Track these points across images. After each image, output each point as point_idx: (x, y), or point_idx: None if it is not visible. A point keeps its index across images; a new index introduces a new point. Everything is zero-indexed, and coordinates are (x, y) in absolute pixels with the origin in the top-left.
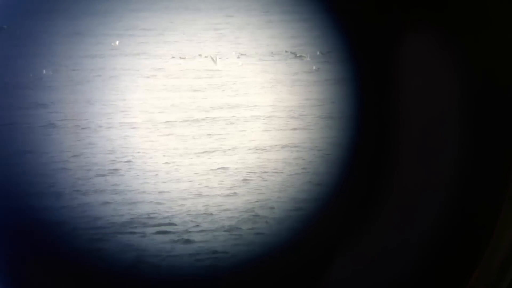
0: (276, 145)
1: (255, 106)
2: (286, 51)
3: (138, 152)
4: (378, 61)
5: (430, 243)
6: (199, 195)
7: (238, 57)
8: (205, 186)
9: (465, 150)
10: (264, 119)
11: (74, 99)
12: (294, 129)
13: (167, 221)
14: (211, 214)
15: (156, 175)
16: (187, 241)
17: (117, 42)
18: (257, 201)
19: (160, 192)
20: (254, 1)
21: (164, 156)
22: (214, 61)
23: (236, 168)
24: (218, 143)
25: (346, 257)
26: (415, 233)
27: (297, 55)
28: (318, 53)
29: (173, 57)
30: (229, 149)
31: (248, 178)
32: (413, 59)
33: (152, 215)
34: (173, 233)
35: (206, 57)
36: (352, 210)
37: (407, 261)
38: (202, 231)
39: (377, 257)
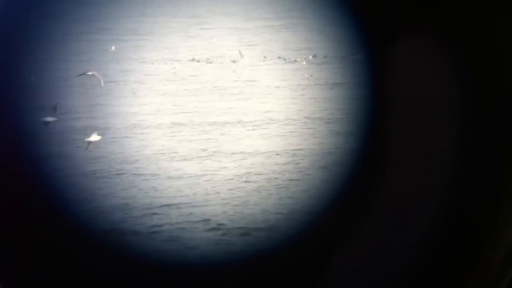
0: (273, 150)
1: (250, 111)
2: (279, 57)
3: (132, 157)
4: (375, 64)
5: (430, 243)
6: (196, 200)
7: (234, 62)
8: (202, 191)
9: (464, 150)
10: (260, 124)
11: (69, 104)
12: (291, 134)
13: (168, 227)
14: (209, 220)
15: (153, 180)
16: (190, 248)
17: (113, 47)
18: (255, 205)
19: (158, 198)
20: (249, 7)
21: (160, 160)
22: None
23: (234, 173)
24: (215, 148)
25: (346, 257)
26: (415, 233)
27: (293, 59)
28: (311, 57)
29: (167, 62)
30: (226, 155)
31: (246, 183)
32: (412, 60)
33: (153, 222)
34: (173, 239)
35: (198, 61)
36: (352, 210)
37: (407, 261)
38: (201, 235)
39: (377, 258)
